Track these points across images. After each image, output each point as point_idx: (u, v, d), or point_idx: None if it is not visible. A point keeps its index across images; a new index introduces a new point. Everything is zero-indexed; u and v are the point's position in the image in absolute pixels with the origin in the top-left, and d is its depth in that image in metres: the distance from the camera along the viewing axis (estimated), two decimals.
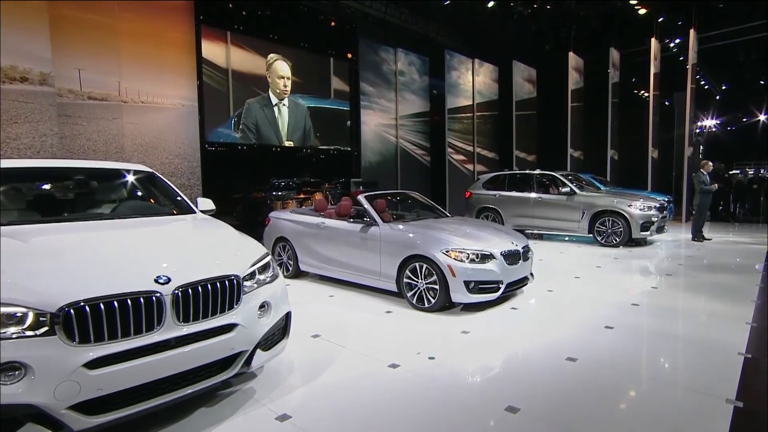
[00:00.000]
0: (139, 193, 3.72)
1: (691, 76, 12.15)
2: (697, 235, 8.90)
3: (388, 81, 12.37)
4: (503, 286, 4.45)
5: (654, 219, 8.06)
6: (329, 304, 4.86)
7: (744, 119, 21.40)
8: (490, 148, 15.10)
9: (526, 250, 4.84)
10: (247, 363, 2.55)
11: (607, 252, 7.78)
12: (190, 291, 2.27)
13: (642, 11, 12.19)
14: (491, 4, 11.80)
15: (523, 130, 14.89)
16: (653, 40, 12.81)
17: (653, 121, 12.94)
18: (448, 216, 5.78)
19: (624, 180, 13.53)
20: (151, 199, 3.74)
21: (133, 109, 7.48)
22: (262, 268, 2.78)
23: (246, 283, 2.58)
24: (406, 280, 4.60)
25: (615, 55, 13.93)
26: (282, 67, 9.99)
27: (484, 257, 4.36)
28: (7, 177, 3.03)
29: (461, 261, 4.27)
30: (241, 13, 9.35)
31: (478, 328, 4.00)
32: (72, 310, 1.93)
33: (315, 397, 2.79)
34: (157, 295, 2.15)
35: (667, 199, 9.34)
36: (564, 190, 8.73)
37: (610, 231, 8.21)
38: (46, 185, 3.38)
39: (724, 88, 20.08)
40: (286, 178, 9.86)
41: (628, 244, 8.12)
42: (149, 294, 2.13)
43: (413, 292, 4.55)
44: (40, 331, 1.88)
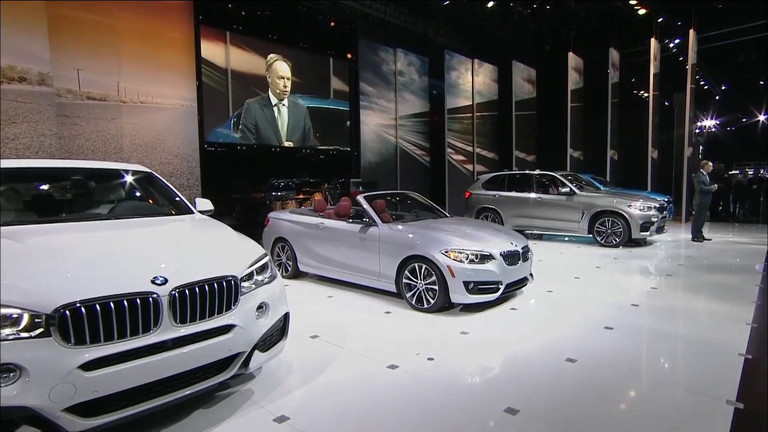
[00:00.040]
0: (137, 193, 3.70)
1: (691, 76, 12.15)
2: (697, 236, 8.89)
3: (388, 81, 12.36)
4: (503, 287, 4.43)
5: (654, 219, 8.05)
6: (328, 305, 4.85)
7: (743, 119, 21.40)
8: (490, 149, 15.09)
9: (526, 250, 4.83)
10: (245, 364, 2.53)
11: (606, 252, 7.77)
12: (187, 292, 2.25)
13: (642, 11, 12.19)
14: (491, 4, 11.79)
15: (523, 130, 14.88)
16: (653, 41, 12.80)
17: (653, 122, 12.94)
18: (448, 216, 5.77)
19: (624, 180, 13.53)
20: (149, 200, 3.73)
21: (132, 109, 7.47)
22: (260, 269, 2.77)
23: (244, 284, 2.57)
24: (405, 280, 4.59)
25: (615, 55, 13.92)
26: (282, 68, 9.98)
27: (484, 258, 4.35)
28: (3, 177, 3.01)
29: (460, 261, 4.26)
30: (241, 13, 9.34)
31: (478, 329, 3.99)
32: (67, 312, 1.92)
33: (313, 399, 2.78)
34: (154, 296, 2.13)
35: (666, 199, 9.32)
36: (564, 190, 8.72)
37: (609, 231, 8.20)
38: (44, 185, 3.36)
39: (723, 88, 20.09)
40: (285, 178, 9.85)
41: (627, 244, 8.11)
42: (146, 295, 2.12)
43: (412, 292, 4.54)
44: (35, 332, 1.86)
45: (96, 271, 2.18)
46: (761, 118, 20.85)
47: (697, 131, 15.55)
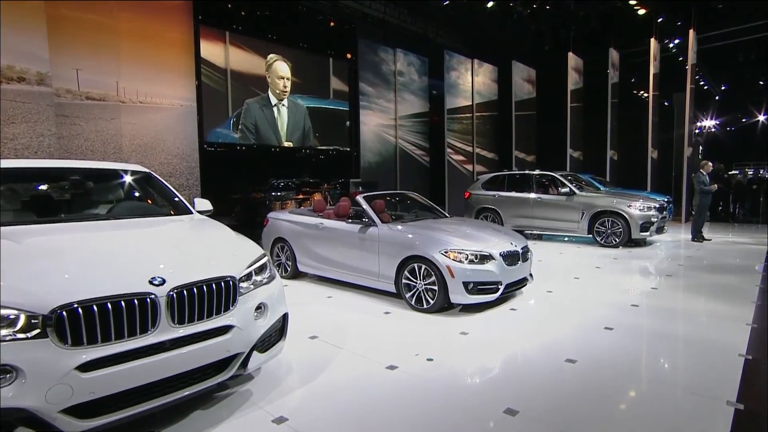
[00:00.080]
0: (135, 193, 3.69)
1: (691, 76, 12.15)
2: (697, 236, 8.89)
3: (388, 81, 12.35)
4: (502, 287, 4.43)
5: (653, 219, 8.04)
6: (327, 305, 4.84)
7: (743, 120, 21.40)
8: (490, 149, 15.09)
9: (525, 250, 4.82)
10: (244, 365, 2.52)
11: (606, 252, 7.76)
12: (185, 292, 2.24)
13: (641, 11, 12.18)
14: (490, 4, 11.79)
15: (523, 130, 14.88)
16: (653, 41, 12.80)
17: (653, 122, 12.94)
18: (447, 216, 5.76)
19: (623, 180, 13.52)
20: (148, 200, 3.72)
21: (132, 110, 7.46)
22: (259, 269, 2.76)
23: (242, 285, 2.56)
24: (404, 280, 4.58)
25: (614, 55, 13.92)
26: (282, 68, 9.98)
27: (483, 258, 4.34)
28: (1, 177, 3.00)
29: (460, 262, 4.25)
30: (240, 13, 9.33)
31: (477, 329, 3.98)
32: (64, 312, 1.91)
33: (312, 399, 2.77)
34: (152, 296, 2.12)
35: (666, 199, 9.32)
36: (563, 190, 8.72)
37: (609, 231, 8.20)
38: (42, 185, 3.35)
39: (723, 88, 20.09)
40: (285, 178, 9.83)
41: (627, 244, 8.10)
42: (143, 295, 2.11)
43: (412, 292, 4.53)
44: (31, 333, 1.85)
45: (93, 271, 2.17)
46: (761, 118, 20.85)
47: (696, 131, 15.55)
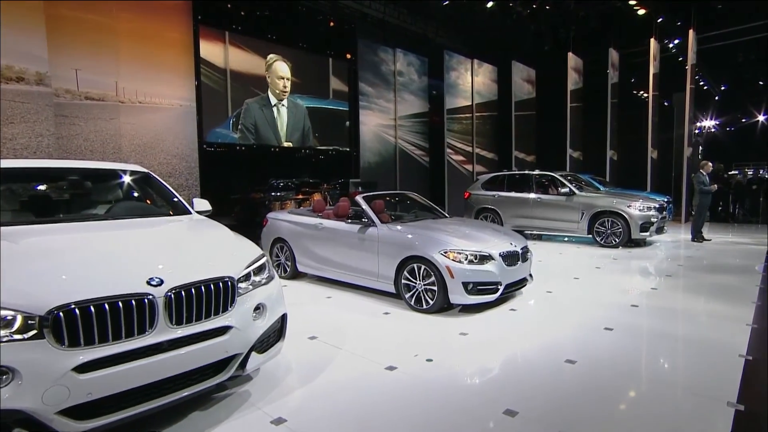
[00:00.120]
0: (134, 193, 3.68)
1: (691, 76, 12.14)
2: (697, 236, 8.88)
3: (387, 81, 12.34)
4: (502, 288, 4.42)
5: (653, 219, 8.03)
6: (327, 306, 4.83)
7: (743, 120, 21.40)
8: (489, 149, 15.08)
9: (525, 251, 4.81)
10: (242, 366, 2.51)
11: (606, 253, 7.75)
12: (183, 293, 2.23)
13: (641, 11, 12.18)
14: (490, 5, 11.78)
15: (523, 130, 14.87)
16: (652, 41, 12.80)
17: (652, 122, 12.93)
18: (447, 217, 5.75)
19: (623, 180, 13.51)
20: (146, 200, 3.71)
21: (131, 110, 7.45)
22: (258, 270, 2.75)
23: (241, 285, 2.55)
24: (404, 281, 4.57)
25: (614, 55, 13.91)
26: (282, 68, 9.97)
27: (483, 258, 4.33)
28: (0, 177, 2.99)
29: (459, 262, 4.24)
30: (240, 13, 9.32)
31: (477, 330, 3.97)
32: (61, 313, 1.90)
33: (311, 400, 2.76)
34: (149, 297, 2.11)
35: (666, 199, 9.31)
36: (563, 190, 8.71)
37: (609, 232, 8.19)
38: (40, 185, 3.34)
39: (723, 88, 20.09)
40: (284, 178, 9.83)
41: (627, 244, 8.09)
42: (141, 296, 2.10)
43: (411, 293, 4.52)
44: (28, 334, 1.84)
45: (91, 272, 2.16)
46: (761, 118, 20.85)
47: (696, 131, 15.54)
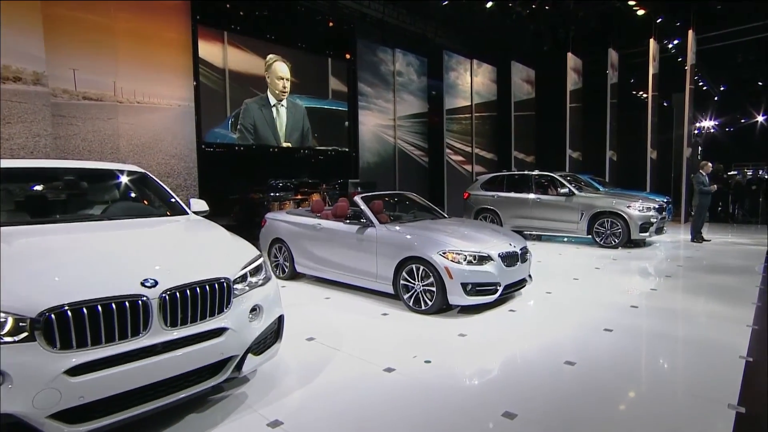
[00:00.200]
0: (130, 194, 3.66)
1: (690, 77, 12.14)
2: (696, 236, 8.86)
3: (386, 81, 12.32)
4: (501, 288, 4.39)
5: (653, 220, 8.01)
6: (325, 306, 4.80)
7: (742, 120, 21.40)
8: (489, 149, 15.06)
9: (524, 251, 4.78)
10: (238, 368, 2.49)
11: (605, 253, 7.73)
12: (178, 294, 2.20)
13: (641, 12, 12.17)
14: (490, 5, 11.76)
15: (522, 130, 14.86)
16: (652, 41, 12.79)
17: (652, 122, 12.92)
18: (446, 217, 5.73)
19: (623, 181, 13.51)
20: (143, 200, 3.68)
21: (129, 110, 7.42)
22: (254, 271, 2.72)
23: (237, 286, 2.52)
24: (402, 282, 4.54)
25: (614, 55, 13.91)
26: (281, 68, 9.94)
27: (482, 259, 4.31)
28: None
29: (458, 263, 4.21)
30: (238, 13, 9.29)
31: (476, 331, 3.95)
32: (53, 315, 1.87)
33: (308, 402, 2.73)
34: (144, 298, 2.09)
35: (665, 200, 9.30)
36: (563, 191, 8.69)
37: (608, 232, 8.17)
38: (35, 185, 3.31)
39: (722, 89, 20.09)
40: (283, 178, 9.80)
41: (627, 245, 8.07)
42: (135, 298, 2.07)
43: (410, 294, 4.49)
44: (19, 337, 1.81)
45: (84, 273, 2.13)
46: (760, 119, 20.85)
47: (696, 132, 15.54)
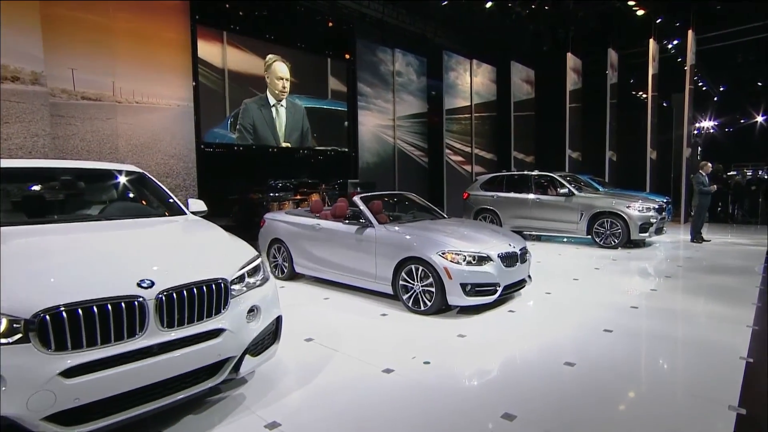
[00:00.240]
0: (128, 194, 3.64)
1: (690, 77, 12.13)
2: (696, 237, 8.85)
3: (386, 81, 12.31)
4: (500, 289, 4.38)
5: (653, 220, 8.00)
6: (324, 307, 4.79)
7: (742, 121, 21.40)
8: (488, 149, 15.05)
9: (524, 252, 4.77)
10: (236, 369, 2.47)
11: (605, 253, 7.72)
12: (175, 295, 2.19)
13: (640, 12, 12.17)
14: (489, 5, 11.75)
15: (521, 131, 14.85)
16: (651, 41, 12.79)
17: (652, 122, 12.92)
18: (445, 217, 5.71)
19: (622, 181, 13.50)
20: (141, 201, 3.66)
21: (128, 110, 7.41)
22: (252, 271, 2.70)
23: (234, 287, 2.51)
24: (401, 282, 4.53)
25: (613, 55, 13.90)
26: (281, 68, 9.93)
27: (481, 259, 4.29)
28: None
29: (458, 263, 4.20)
30: (238, 13, 9.28)
31: (475, 332, 3.93)
32: (47, 316, 1.85)
33: (306, 404, 2.72)
34: (140, 299, 2.07)
35: (665, 200, 9.29)
36: (562, 191, 8.68)
37: (608, 232, 8.16)
38: (33, 185, 3.30)
39: (722, 89, 20.09)
40: (283, 179, 9.79)
41: (626, 245, 8.06)
42: (131, 299, 2.05)
43: (409, 294, 4.48)
44: (13, 338, 1.79)
45: (80, 274, 2.12)
46: (759, 119, 20.85)
47: (695, 132, 15.53)
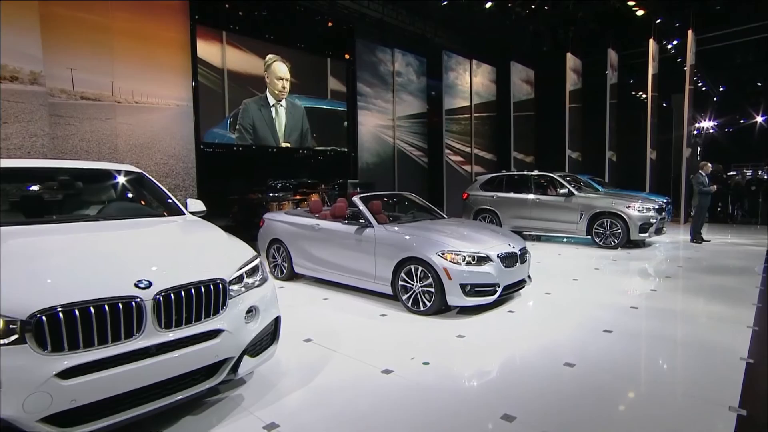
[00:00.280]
0: (127, 194, 3.63)
1: (689, 77, 12.12)
2: (696, 237, 8.84)
3: (386, 82, 12.30)
4: (500, 289, 4.37)
5: (652, 220, 7.99)
6: (323, 307, 4.78)
7: (741, 121, 21.39)
8: (488, 150, 15.05)
9: (524, 252, 4.76)
10: (234, 370, 2.46)
11: (605, 254, 7.71)
12: (173, 296, 2.17)
13: (640, 12, 12.16)
14: (489, 5, 11.74)
15: (521, 131, 14.85)
16: (651, 42, 12.78)
17: (651, 123, 12.91)
18: (445, 217, 5.70)
19: (622, 181, 13.49)
20: (139, 201, 3.65)
21: (127, 110, 7.40)
22: (251, 272, 2.69)
23: (233, 287, 2.49)
24: (401, 282, 4.51)
25: (613, 56, 13.90)
26: (281, 68, 9.92)
27: (481, 259, 4.28)
28: None
29: (457, 263, 4.19)
30: (237, 13, 9.27)
31: (474, 332, 3.92)
32: (44, 317, 1.84)
33: (305, 405, 2.71)
34: (137, 300, 2.06)
35: (665, 200, 9.28)
36: (562, 191, 8.67)
37: (608, 232, 8.15)
38: (31, 185, 3.29)
39: (721, 89, 20.08)
40: (282, 179, 9.79)
41: (626, 245, 8.05)
42: (128, 299, 2.04)
43: (408, 295, 4.47)
44: (9, 339, 1.78)
45: (77, 274, 2.11)
46: (759, 119, 20.84)
47: (695, 132, 15.53)
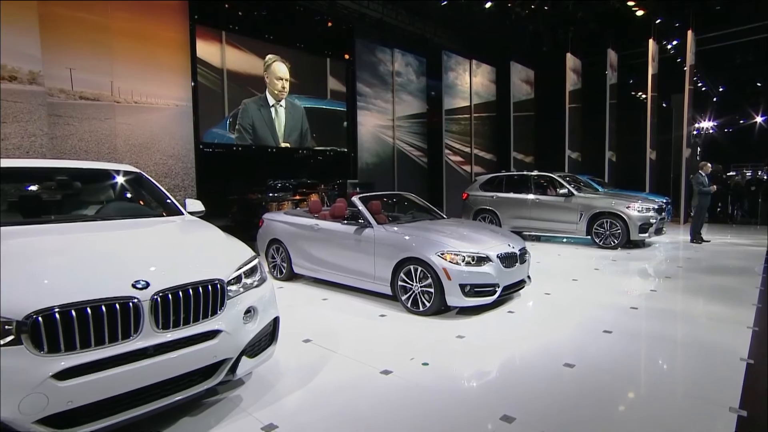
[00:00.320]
0: (125, 194, 3.62)
1: (689, 77, 12.12)
2: (696, 237, 8.84)
3: (385, 82, 12.30)
4: (499, 290, 4.36)
5: (652, 221, 7.99)
6: (322, 308, 4.77)
7: (741, 121, 21.39)
8: (488, 150, 15.05)
9: (523, 252, 4.75)
10: (232, 371, 2.45)
11: (605, 254, 7.70)
12: (170, 296, 2.16)
13: (640, 12, 12.16)
14: (489, 5, 11.74)
15: (521, 131, 14.84)
16: (651, 42, 12.78)
17: (651, 123, 12.91)
18: (444, 218, 5.69)
19: (622, 181, 13.49)
20: (138, 201, 3.64)
21: (126, 110, 7.39)
22: (249, 272, 2.68)
23: (231, 288, 2.48)
24: (400, 283, 4.50)
25: (613, 56, 13.89)
26: (281, 69, 9.91)
27: (480, 260, 4.27)
28: None
29: (457, 264, 4.18)
30: (237, 12, 9.27)
31: (474, 333, 3.91)
32: (40, 318, 1.83)
33: (303, 406, 2.69)
34: (134, 300, 2.04)
35: (665, 200, 9.28)
36: (562, 191, 8.66)
37: (608, 233, 8.14)
38: (29, 185, 3.28)
39: (721, 89, 20.08)
40: (282, 179, 9.77)
41: (626, 246, 8.04)
42: (125, 300, 2.03)
43: (408, 295, 4.46)
44: (4, 340, 1.77)
45: (74, 274, 2.09)
46: (759, 119, 20.84)
47: (695, 132, 15.53)
